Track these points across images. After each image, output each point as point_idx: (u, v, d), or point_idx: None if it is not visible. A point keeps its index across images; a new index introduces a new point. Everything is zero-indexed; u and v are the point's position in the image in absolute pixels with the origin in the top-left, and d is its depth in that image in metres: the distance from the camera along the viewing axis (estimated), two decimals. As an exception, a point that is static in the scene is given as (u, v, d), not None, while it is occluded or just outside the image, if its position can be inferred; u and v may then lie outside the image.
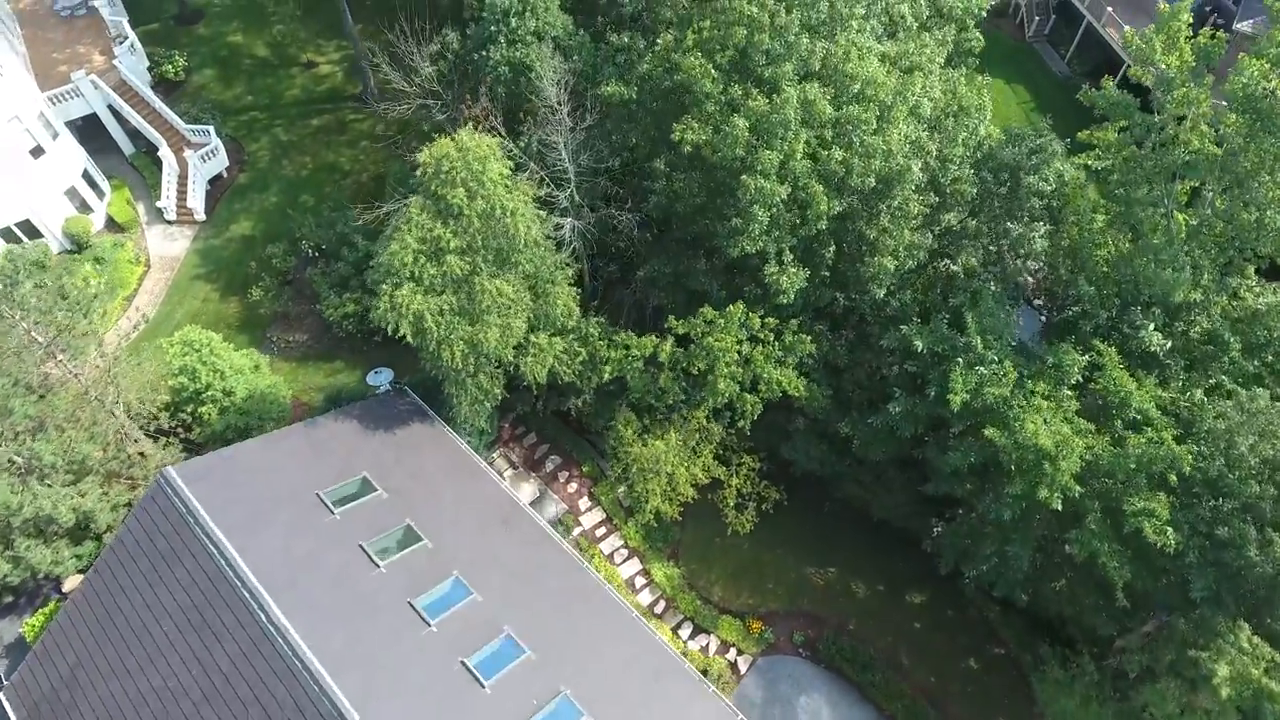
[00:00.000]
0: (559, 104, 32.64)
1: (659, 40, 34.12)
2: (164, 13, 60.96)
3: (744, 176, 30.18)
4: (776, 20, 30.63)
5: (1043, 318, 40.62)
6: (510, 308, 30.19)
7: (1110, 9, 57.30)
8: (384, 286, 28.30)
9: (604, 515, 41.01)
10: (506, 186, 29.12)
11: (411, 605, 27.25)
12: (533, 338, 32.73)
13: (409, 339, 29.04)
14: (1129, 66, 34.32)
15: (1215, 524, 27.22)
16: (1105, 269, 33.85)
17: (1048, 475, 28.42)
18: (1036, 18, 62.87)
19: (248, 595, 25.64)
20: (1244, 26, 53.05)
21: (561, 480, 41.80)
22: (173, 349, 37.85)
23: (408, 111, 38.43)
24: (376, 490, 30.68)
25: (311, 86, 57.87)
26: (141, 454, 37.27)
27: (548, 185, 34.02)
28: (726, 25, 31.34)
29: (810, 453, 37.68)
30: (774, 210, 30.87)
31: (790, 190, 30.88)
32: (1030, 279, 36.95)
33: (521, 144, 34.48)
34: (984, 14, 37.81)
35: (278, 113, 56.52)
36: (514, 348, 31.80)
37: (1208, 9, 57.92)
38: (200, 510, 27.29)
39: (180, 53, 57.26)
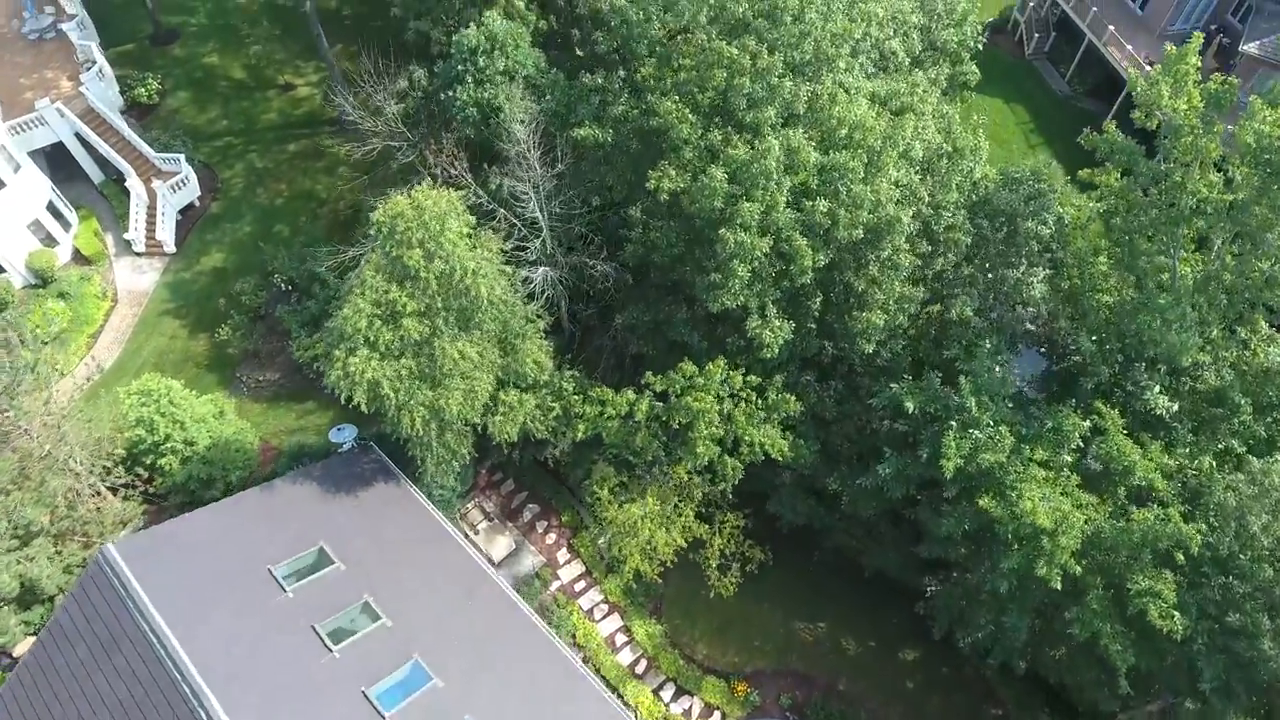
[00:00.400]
0: (529, 149, 30.80)
1: (639, 71, 32.27)
2: (138, 33, 59.04)
3: (723, 230, 28.38)
4: (758, 62, 28.81)
5: (1041, 353, 38.87)
6: (475, 369, 28.42)
7: (1112, 27, 55.47)
8: (336, 352, 26.55)
9: (583, 568, 39.27)
10: (470, 242, 27.35)
11: (366, 695, 25.49)
12: (502, 395, 30.98)
13: (363, 408, 27.29)
14: (1129, 88, 32.41)
15: (1226, 608, 25.44)
16: (1107, 315, 32.13)
17: (1046, 550, 26.66)
18: (1036, 35, 61.06)
19: (188, 690, 23.90)
20: (1251, 48, 51.24)
21: (540, 530, 40.05)
22: (129, 400, 36.12)
23: (372, 153, 36.61)
24: (334, 563, 28.92)
25: (289, 110, 56.07)
26: (98, 509, 35.61)
27: (519, 232, 32.26)
28: (706, 66, 29.51)
29: (797, 508, 35.95)
30: (755, 264, 29.08)
31: (773, 242, 29.09)
32: (1029, 326, 35.14)
33: (492, 188, 32.68)
34: (980, 47, 36.00)
35: (253, 137, 54.74)
36: (481, 407, 30.01)
37: (1213, 28, 56.14)
38: (140, 593, 25.56)
39: (154, 75, 55.43)
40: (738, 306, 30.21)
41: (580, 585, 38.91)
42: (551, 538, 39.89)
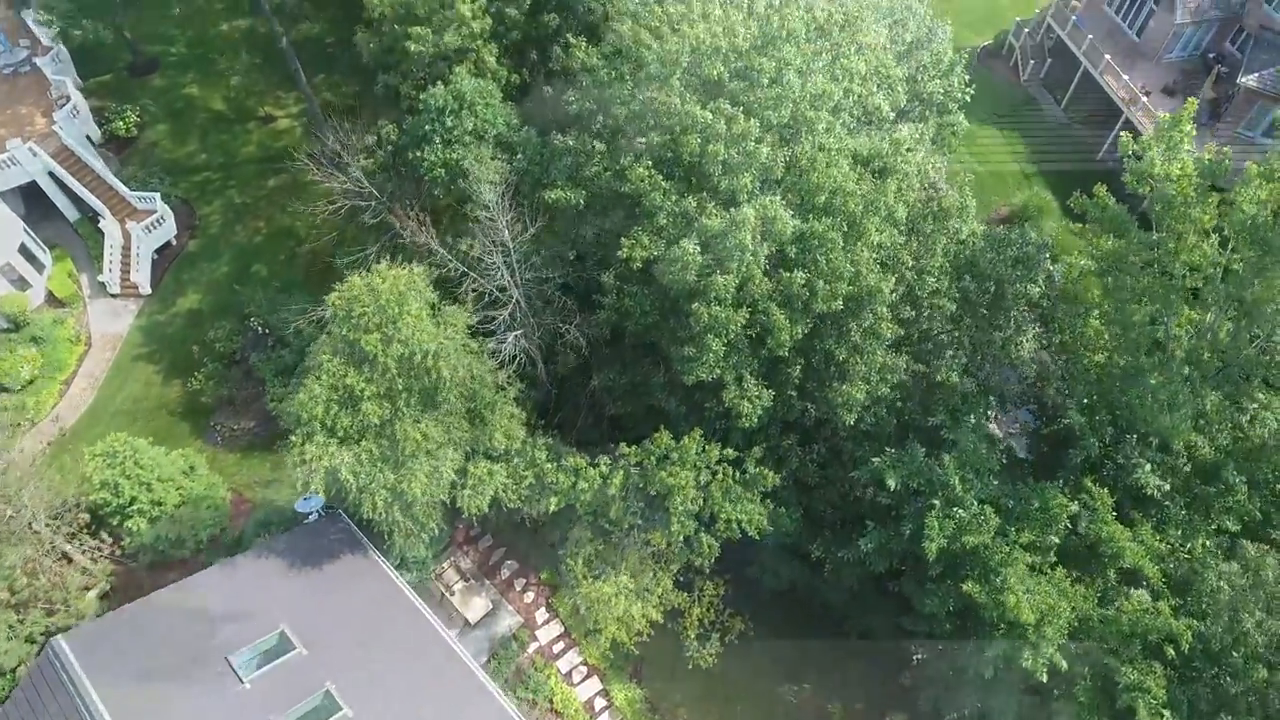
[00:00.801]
0: (499, 213, 29.66)
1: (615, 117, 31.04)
2: (118, 62, 57.93)
3: (696, 304, 27.33)
4: (734, 127, 27.69)
5: (1031, 412, 37.85)
6: (440, 448, 27.39)
7: (1108, 56, 54.35)
8: (293, 438, 25.56)
9: (562, 628, 38.28)
10: (434, 317, 26.32)
11: (322, 797, 24.61)
12: (471, 468, 29.91)
13: (320, 494, 26.31)
14: (1121, 151, 31.30)
15: (1219, 708, 24.39)
16: (1099, 375, 31.14)
17: (1031, 642, 25.64)
18: (1032, 61, 59.92)
19: (135, 799, 23.01)
20: (1249, 80, 50.15)
21: (518, 589, 39.07)
22: (93, 462, 35.18)
23: (341, 211, 35.53)
24: (295, 648, 27.91)
25: (268, 143, 54.91)
26: (61, 574, 34.68)
27: (489, 296, 31.17)
28: (680, 131, 28.41)
29: (780, 572, 34.99)
30: (731, 337, 28.01)
31: (749, 314, 28.03)
32: (1018, 386, 34.17)
33: (463, 248, 31.54)
34: (968, 99, 34.89)
35: (232, 172, 53.65)
36: (448, 484, 28.99)
37: (1210, 56, 55.02)
38: (90, 690, 24.62)
39: (133, 107, 54.22)
40: (713, 379, 29.16)
41: (559, 646, 37.92)
42: (530, 596, 38.91)
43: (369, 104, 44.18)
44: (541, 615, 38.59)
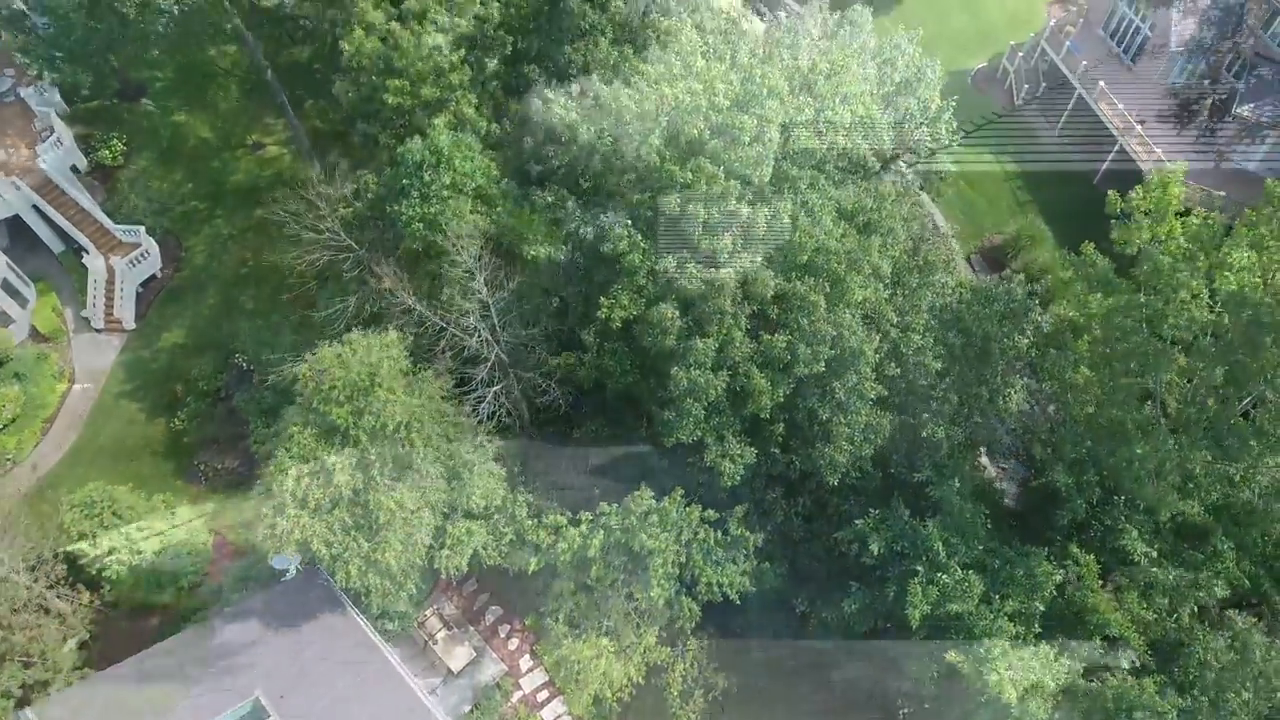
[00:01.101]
0: (479, 269, 29.17)
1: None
2: (105, 88, 57.36)
3: (675, 369, 26.89)
4: (714, 187, 27.22)
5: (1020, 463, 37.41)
6: (415, 513, 26.92)
7: (1102, 83, 53.79)
8: (265, 511, 25.16)
9: (546, 677, 37.93)
10: (407, 383, 25.89)
11: None
12: (450, 528, 29.50)
13: (296, 555, 25.90)
14: (1109, 207, 30.78)
15: (1204, 786, 24.03)
16: (1088, 423, 30.66)
17: (1015, 717, 25.25)
18: (1026, 85, 59.29)
19: None
20: (1245, 110, 49.60)
21: (502, 635, 38.71)
22: (70, 513, 34.84)
23: (318, 262, 35.08)
24: (270, 716, 27.53)
25: (256, 171, 54.31)
26: (39, 626, 34.28)
27: (469, 351, 30.72)
28: (659, 190, 27.96)
29: (765, 624, 34.50)
30: (712, 399, 27.57)
31: (730, 377, 27.59)
32: (1006, 437, 33.73)
33: (443, 297, 31.05)
34: (955, 142, 34.41)
35: (220, 201, 53.03)
36: (425, 548, 28.55)
37: (1207, 82, 54.38)
38: (56, 770, 24.21)
39: (119, 135, 53.64)
40: (694, 440, 28.75)
41: (543, 695, 37.62)
42: (514, 643, 38.56)
43: (356, 134, 43.65)
44: (526, 663, 38.25)
